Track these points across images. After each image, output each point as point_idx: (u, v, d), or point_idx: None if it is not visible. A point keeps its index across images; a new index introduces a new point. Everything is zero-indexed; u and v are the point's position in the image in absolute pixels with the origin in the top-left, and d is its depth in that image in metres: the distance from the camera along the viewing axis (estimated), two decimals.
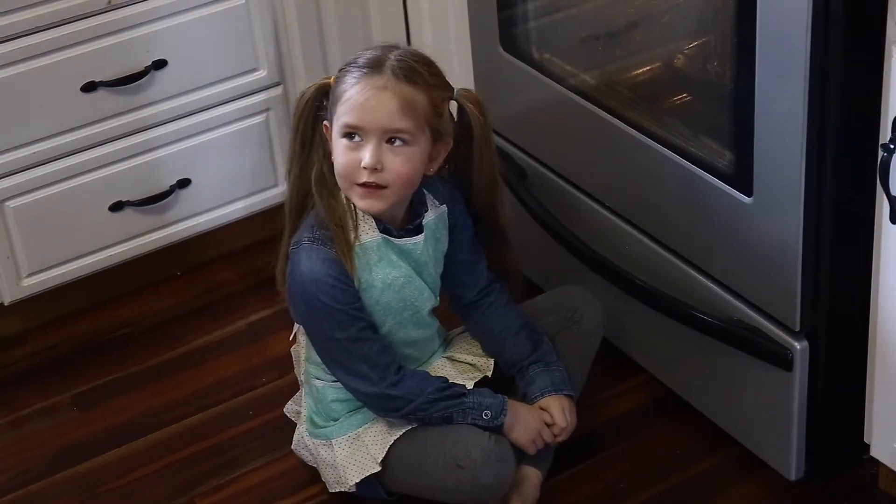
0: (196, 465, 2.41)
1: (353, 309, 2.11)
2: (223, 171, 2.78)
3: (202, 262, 2.89)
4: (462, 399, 2.15)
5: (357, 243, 2.11)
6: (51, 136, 2.58)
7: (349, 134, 2.05)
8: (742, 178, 2.07)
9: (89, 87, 2.57)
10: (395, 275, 2.14)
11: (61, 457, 2.46)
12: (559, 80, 2.41)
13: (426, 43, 2.71)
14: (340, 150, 2.07)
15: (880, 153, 1.83)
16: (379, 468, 2.16)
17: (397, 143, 2.05)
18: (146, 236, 2.75)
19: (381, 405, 2.16)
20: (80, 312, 2.79)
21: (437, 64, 2.11)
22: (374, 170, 2.04)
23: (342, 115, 2.05)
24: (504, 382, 2.28)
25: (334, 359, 2.15)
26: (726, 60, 2.09)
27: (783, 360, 2.13)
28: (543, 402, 2.23)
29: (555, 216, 2.49)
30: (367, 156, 2.04)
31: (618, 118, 2.29)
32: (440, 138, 2.11)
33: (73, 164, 2.62)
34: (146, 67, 2.61)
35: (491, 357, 2.29)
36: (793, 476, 2.23)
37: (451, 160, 2.18)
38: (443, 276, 2.24)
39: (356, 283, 2.11)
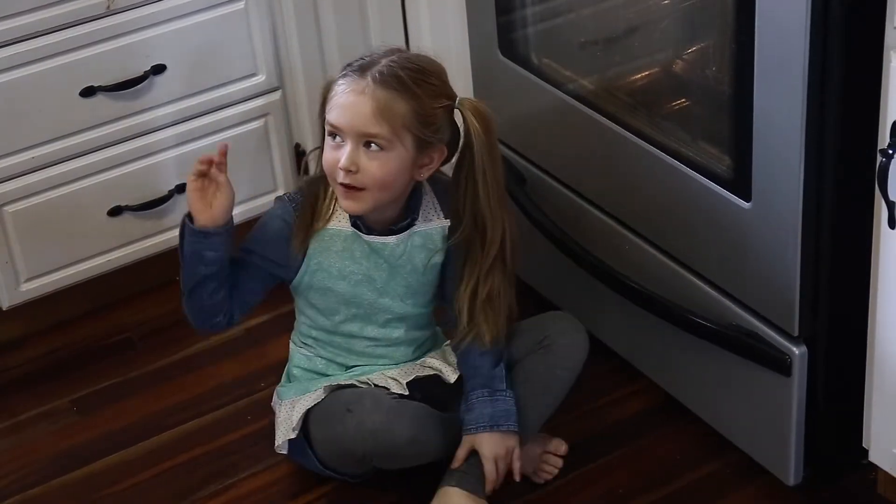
0: (195, 470, 2.41)
1: (259, 258, 2.17)
2: None
3: None
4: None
5: (324, 227, 2.16)
6: (50, 141, 2.58)
7: (332, 133, 2.09)
8: (741, 183, 2.07)
9: (88, 92, 2.57)
10: (352, 269, 2.18)
11: (60, 462, 2.46)
12: (558, 86, 2.41)
13: (425, 48, 2.71)
14: (326, 148, 2.12)
15: (879, 158, 1.83)
16: (293, 434, 2.21)
17: (373, 147, 2.06)
18: (145, 241, 2.75)
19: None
20: (79, 317, 2.78)
21: (442, 73, 2.11)
22: (348, 171, 2.07)
23: (328, 113, 2.09)
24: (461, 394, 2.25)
25: None
26: (725, 66, 2.09)
27: (782, 365, 2.13)
28: (475, 438, 2.17)
29: (554, 221, 2.49)
30: (342, 157, 2.07)
31: (616, 123, 2.29)
32: (429, 146, 2.10)
33: (72, 169, 2.62)
34: (145, 72, 2.61)
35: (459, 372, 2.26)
36: (791, 481, 2.23)
37: (461, 170, 2.14)
38: (438, 288, 2.25)
39: (305, 262, 2.16)
